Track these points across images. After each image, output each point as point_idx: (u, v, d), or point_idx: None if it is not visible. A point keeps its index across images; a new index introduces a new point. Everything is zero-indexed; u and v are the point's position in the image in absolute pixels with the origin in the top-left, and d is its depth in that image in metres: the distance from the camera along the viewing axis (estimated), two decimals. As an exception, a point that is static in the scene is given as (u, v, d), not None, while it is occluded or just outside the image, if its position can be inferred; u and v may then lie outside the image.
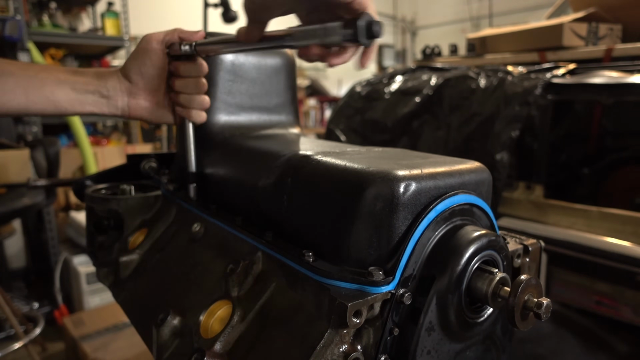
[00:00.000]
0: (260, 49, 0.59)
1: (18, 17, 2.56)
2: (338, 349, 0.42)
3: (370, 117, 2.07)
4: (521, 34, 2.19)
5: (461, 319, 0.47)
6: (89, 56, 3.82)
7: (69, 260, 2.67)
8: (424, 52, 2.89)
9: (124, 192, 0.87)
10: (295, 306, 0.48)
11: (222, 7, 2.82)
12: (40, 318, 2.48)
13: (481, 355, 0.52)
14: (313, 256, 0.49)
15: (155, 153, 0.98)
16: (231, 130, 0.81)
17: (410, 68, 2.29)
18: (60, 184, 1.87)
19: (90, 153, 3.03)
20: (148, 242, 0.80)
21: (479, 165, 0.55)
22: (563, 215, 1.60)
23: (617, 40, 2.06)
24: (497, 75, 1.75)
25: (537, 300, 0.42)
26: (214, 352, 0.50)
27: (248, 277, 0.55)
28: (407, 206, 0.46)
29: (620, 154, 1.96)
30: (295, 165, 0.58)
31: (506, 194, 1.77)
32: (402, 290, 0.44)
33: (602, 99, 1.54)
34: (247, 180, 0.67)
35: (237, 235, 0.62)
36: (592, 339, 1.62)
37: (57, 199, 3.03)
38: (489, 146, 1.62)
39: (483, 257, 0.47)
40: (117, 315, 2.14)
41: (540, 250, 0.61)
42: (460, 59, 2.51)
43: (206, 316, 0.55)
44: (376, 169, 0.48)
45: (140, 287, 0.75)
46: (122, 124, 4.00)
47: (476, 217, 0.51)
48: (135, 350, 1.88)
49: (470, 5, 7.45)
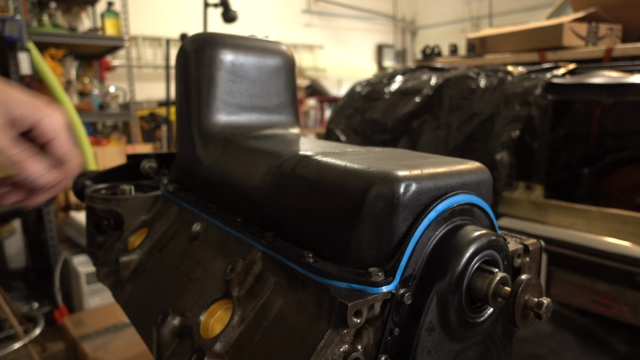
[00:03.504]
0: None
1: (18, 17, 2.56)
2: (338, 349, 0.42)
3: (370, 117, 2.08)
4: (521, 34, 2.19)
5: (462, 319, 0.47)
6: (89, 56, 3.82)
7: (69, 260, 2.67)
8: (424, 52, 2.89)
9: (124, 192, 0.87)
10: (296, 306, 0.48)
11: (222, 7, 2.83)
12: (40, 318, 2.48)
13: (482, 355, 0.52)
14: (313, 257, 0.49)
15: (155, 153, 0.98)
16: (231, 130, 0.81)
17: (410, 68, 2.29)
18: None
19: (90, 153, 3.03)
20: (148, 242, 0.80)
21: (479, 165, 0.54)
22: (563, 215, 1.61)
23: (617, 40, 2.06)
24: (497, 75, 1.75)
25: (538, 300, 0.42)
26: (214, 352, 0.50)
27: (248, 277, 0.55)
28: (407, 206, 0.46)
29: (620, 154, 1.96)
30: (295, 165, 0.58)
31: (506, 194, 1.77)
32: (403, 290, 0.44)
33: (602, 99, 1.54)
34: (247, 181, 0.67)
35: (237, 236, 0.62)
36: (592, 339, 1.62)
37: (57, 199, 3.04)
38: (489, 146, 1.62)
39: (483, 257, 0.47)
40: (117, 315, 2.14)
41: (540, 250, 0.61)
42: (460, 59, 2.51)
43: (206, 316, 0.55)
44: (376, 170, 0.48)
45: (140, 287, 0.75)
46: (122, 123, 4.00)
47: (476, 217, 0.51)
48: (135, 350, 1.88)
49: (470, 5, 7.45)
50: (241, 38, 0.84)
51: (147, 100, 4.56)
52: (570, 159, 2.12)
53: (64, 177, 0.49)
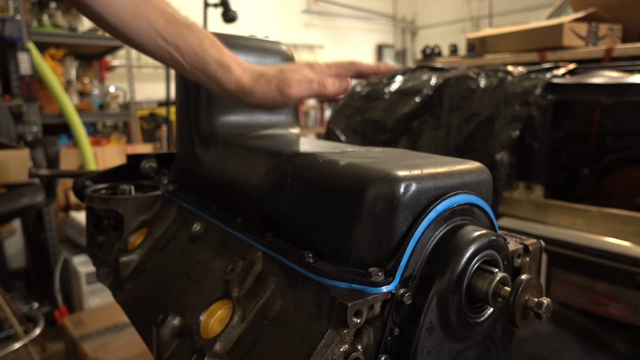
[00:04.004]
0: None
1: (18, 17, 2.56)
2: (338, 349, 0.42)
3: (370, 117, 2.07)
4: (521, 34, 2.19)
5: (462, 319, 0.47)
6: (89, 56, 3.82)
7: (69, 260, 2.67)
8: (424, 52, 2.89)
9: (124, 192, 0.87)
10: (296, 306, 0.48)
11: (222, 7, 2.83)
12: (40, 318, 2.48)
13: (482, 355, 0.52)
14: (313, 257, 0.49)
15: (155, 153, 0.98)
16: (231, 130, 0.81)
17: (410, 68, 2.29)
18: (62, 175, 1.87)
19: (90, 153, 3.03)
20: (148, 242, 0.80)
21: (479, 165, 0.54)
22: (563, 215, 1.61)
23: (617, 40, 2.06)
24: (497, 75, 1.75)
25: (538, 300, 0.42)
26: (214, 352, 0.50)
27: (248, 277, 0.55)
28: (407, 206, 0.46)
29: (620, 154, 1.96)
30: (295, 165, 0.58)
31: (506, 194, 1.77)
32: (403, 290, 0.44)
33: (602, 99, 1.54)
34: (247, 180, 0.67)
35: (237, 236, 0.62)
36: (592, 339, 1.62)
37: (57, 199, 3.03)
38: (489, 146, 1.62)
39: (483, 257, 0.47)
40: (117, 315, 2.14)
41: (540, 250, 0.61)
42: (460, 59, 2.51)
43: (206, 316, 0.55)
44: (376, 170, 0.48)
45: (140, 287, 0.75)
46: (122, 123, 4.00)
47: (476, 217, 0.51)
48: (135, 350, 1.88)
49: (470, 5, 7.45)
50: (241, 38, 0.84)
51: (147, 100, 4.55)
52: (570, 159, 2.12)
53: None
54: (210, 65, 0.65)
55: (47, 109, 3.08)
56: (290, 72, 0.63)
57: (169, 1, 0.67)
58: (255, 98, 0.65)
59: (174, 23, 0.64)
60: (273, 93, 0.63)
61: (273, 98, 0.63)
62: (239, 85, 0.65)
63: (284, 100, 0.63)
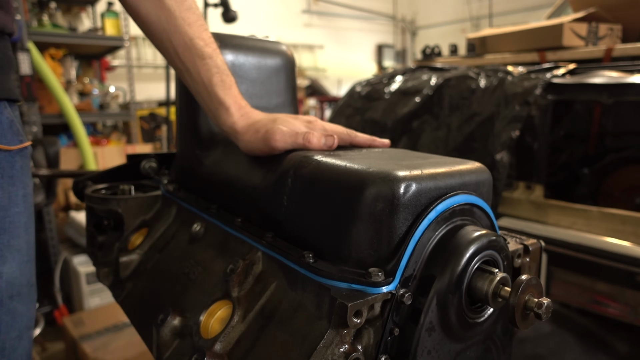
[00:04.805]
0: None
1: (18, 17, 2.56)
2: (338, 349, 0.42)
3: (370, 117, 2.08)
4: (521, 34, 2.19)
5: (462, 319, 0.47)
6: (89, 56, 3.82)
7: (69, 260, 2.67)
8: (424, 52, 2.89)
9: (124, 192, 0.87)
10: (296, 306, 0.48)
11: (222, 7, 2.83)
12: (40, 318, 2.48)
13: (482, 355, 0.52)
14: (313, 257, 0.49)
15: (155, 153, 0.98)
16: (231, 130, 0.81)
17: (410, 68, 2.29)
18: (62, 175, 1.87)
19: (90, 153, 3.03)
20: (148, 242, 0.80)
21: (479, 165, 0.54)
22: (563, 215, 1.61)
23: (617, 40, 2.06)
24: (497, 75, 1.76)
25: (538, 300, 0.42)
26: (214, 352, 0.50)
27: (248, 277, 0.55)
28: (407, 206, 0.46)
29: (620, 154, 1.96)
30: (295, 165, 0.58)
31: (506, 194, 1.77)
32: (403, 290, 0.44)
33: (602, 99, 1.54)
34: (247, 181, 0.67)
35: (237, 236, 0.62)
36: (592, 339, 1.62)
37: (57, 199, 3.03)
38: (489, 146, 1.62)
39: (483, 257, 0.47)
40: (117, 315, 2.14)
41: (540, 250, 0.61)
42: (460, 59, 2.51)
43: (206, 316, 0.55)
44: (376, 170, 0.48)
45: (140, 287, 0.75)
46: (122, 123, 4.00)
47: (476, 217, 0.51)
48: (135, 350, 1.88)
49: (470, 5, 7.46)
50: (241, 38, 0.84)
51: (147, 100, 4.56)
52: (570, 159, 2.12)
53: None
54: (213, 102, 0.69)
55: (47, 109, 3.08)
56: (280, 124, 0.64)
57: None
58: (243, 145, 0.68)
59: (191, 49, 0.68)
60: (259, 143, 0.64)
61: (259, 148, 0.65)
62: (232, 129, 0.68)
63: (269, 151, 0.64)
